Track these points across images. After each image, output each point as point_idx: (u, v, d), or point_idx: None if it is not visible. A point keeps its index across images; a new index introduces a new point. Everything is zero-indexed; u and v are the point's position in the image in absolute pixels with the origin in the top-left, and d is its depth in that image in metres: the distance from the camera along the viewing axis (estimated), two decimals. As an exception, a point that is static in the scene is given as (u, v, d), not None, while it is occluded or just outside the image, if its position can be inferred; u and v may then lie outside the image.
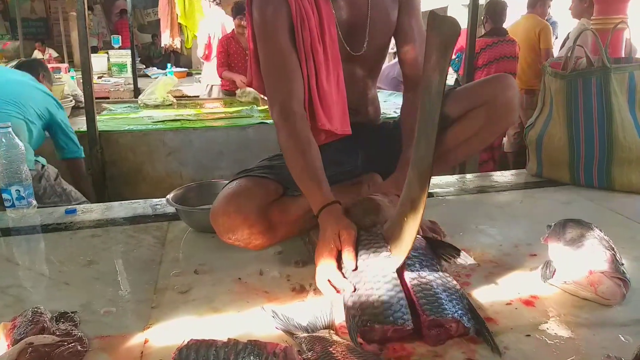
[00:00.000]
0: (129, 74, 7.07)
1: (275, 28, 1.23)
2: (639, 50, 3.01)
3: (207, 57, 4.85)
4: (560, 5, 5.48)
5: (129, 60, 7.42)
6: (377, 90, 1.55)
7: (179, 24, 6.28)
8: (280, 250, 1.30)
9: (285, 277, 1.18)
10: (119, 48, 7.39)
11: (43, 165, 2.18)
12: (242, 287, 1.15)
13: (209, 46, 4.80)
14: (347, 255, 0.99)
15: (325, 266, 1.00)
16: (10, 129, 1.52)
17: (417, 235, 0.95)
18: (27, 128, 2.15)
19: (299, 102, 1.23)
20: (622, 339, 0.93)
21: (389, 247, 0.99)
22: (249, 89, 4.02)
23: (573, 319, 1.00)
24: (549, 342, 0.93)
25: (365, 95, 1.46)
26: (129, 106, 4.08)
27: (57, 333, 0.95)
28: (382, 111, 1.58)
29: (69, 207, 1.65)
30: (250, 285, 1.16)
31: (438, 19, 0.80)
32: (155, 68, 8.40)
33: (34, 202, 1.57)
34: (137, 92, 5.50)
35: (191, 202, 1.52)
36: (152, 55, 11.24)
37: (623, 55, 2.09)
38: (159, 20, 10.21)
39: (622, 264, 1.08)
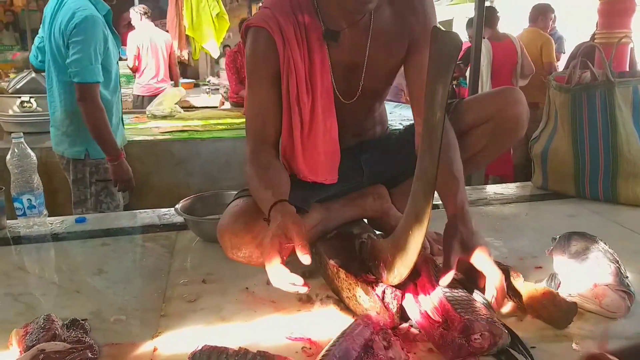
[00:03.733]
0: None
1: (261, 73, 1.21)
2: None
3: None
4: (568, 20, 5.53)
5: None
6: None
7: (187, 35, 6.36)
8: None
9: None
10: (126, 59, 7.48)
11: None
12: (249, 297, 1.16)
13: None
14: (300, 251, 0.97)
15: (272, 265, 0.97)
16: (22, 139, 1.55)
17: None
18: None
19: (273, 145, 1.25)
20: (627, 351, 0.94)
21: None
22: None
23: (578, 331, 1.01)
24: (556, 353, 0.94)
25: (368, 121, 1.43)
26: (134, 116, 4.13)
27: (68, 340, 0.96)
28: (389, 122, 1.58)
29: (79, 216, 1.67)
30: (258, 295, 1.17)
31: (440, 33, 0.82)
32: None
33: (45, 211, 1.60)
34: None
35: (199, 212, 1.54)
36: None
37: (627, 69, 2.10)
38: (166, 31, 10.38)
39: (627, 277, 1.09)
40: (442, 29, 0.81)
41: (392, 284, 1.01)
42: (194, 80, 8.14)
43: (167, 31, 6.78)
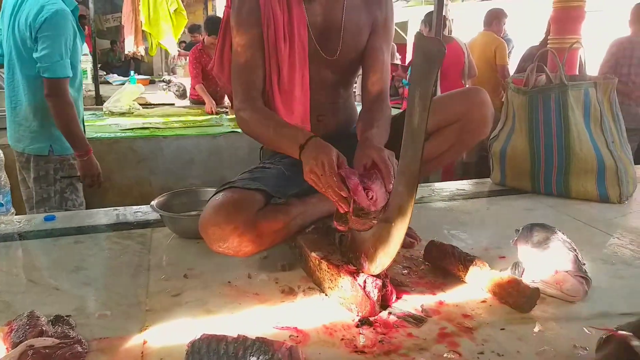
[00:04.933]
0: (89, 80, 6.92)
1: (246, 26, 1.37)
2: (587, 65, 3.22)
3: None
4: (516, 23, 5.78)
5: (88, 67, 7.27)
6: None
7: (143, 31, 6.22)
8: (265, 255, 1.35)
9: (274, 279, 1.23)
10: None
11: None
12: (232, 290, 1.19)
13: None
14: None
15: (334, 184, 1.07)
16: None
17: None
18: None
19: (258, 92, 1.39)
20: (586, 331, 1.03)
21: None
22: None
23: (541, 314, 1.09)
24: (521, 334, 1.02)
25: (337, 102, 1.53)
26: (93, 114, 4.02)
27: (55, 336, 0.96)
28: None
29: (48, 214, 1.64)
30: (240, 288, 1.20)
31: (424, 39, 0.88)
32: (115, 75, 8.25)
33: (12, 209, 1.56)
34: (98, 99, 5.41)
35: (175, 209, 1.54)
36: (111, 62, 11.03)
37: (577, 73, 2.25)
38: (117, 26, 10.09)
39: (584, 264, 1.19)
40: (424, 35, 0.87)
41: (374, 274, 1.07)
42: (149, 77, 7.96)
43: (122, 26, 6.62)
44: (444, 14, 4.30)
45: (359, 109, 1.51)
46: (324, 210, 1.30)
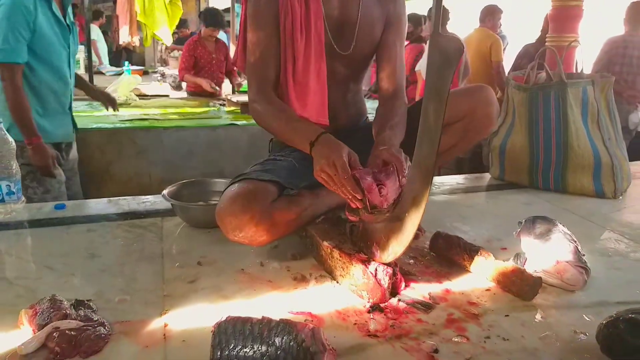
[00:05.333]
0: (82, 70, 6.88)
1: (263, 18, 1.39)
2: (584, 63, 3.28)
3: None
4: (510, 20, 5.84)
5: (81, 57, 7.22)
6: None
7: (138, 21, 6.20)
8: (276, 244, 1.38)
9: (285, 267, 1.27)
10: (72, 43, 7.18)
11: None
12: (246, 277, 1.23)
13: None
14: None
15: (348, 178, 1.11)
16: (1, 125, 1.53)
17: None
18: None
19: (274, 86, 1.42)
20: (586, 318, 1.08)
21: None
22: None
23: (543, 302, 1.15)
24: (525, 320, 1.07)
25: (346, 97, 1.56)
26: (89, 104, 4.01)
27: (79, 319, 1.00)
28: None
29: (58, 202, 1.66)
30: (254, 275, 1.24)
31: (441, 37, 0.92)
32: (107, 65, 8.18)
33: (23, 197, 1.58)
34: (93, 89, 5.38)
35: (185, 198, 1.57)
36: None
37: (574, 70, 2.30)
38: (109, 16, 10.00)
39: (584, 255, 1.24)
40: (444, 34, 0.91)
41: (386, 262, 1.11)
42: (142, 67, 7.92)
43: (117, 16, 6.59)
44: (449, 11, 4.36)
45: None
46: (334, 202, 1.34)
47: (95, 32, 7.66)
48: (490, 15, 4.49)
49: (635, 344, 0.89)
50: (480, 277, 1.24)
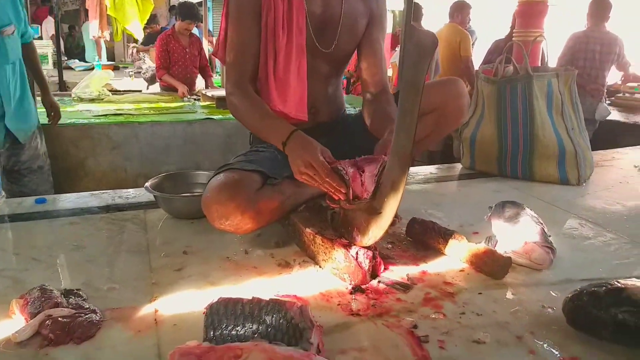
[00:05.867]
0: (50, 65, 6.75)
1: (245, 12, 1.39)
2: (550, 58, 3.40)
3: None
4: (479, 15, 5.99)
5: (49, 51, 7.08)
6: None
7: (108, 15, 6.11)
8: (259, 233, 1.43)
9: (269, 254, 1.32)
10: (39, 38, 7.03)
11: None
12: (231, 264, 1.27)
13: None
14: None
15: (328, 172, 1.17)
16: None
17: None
18: None
19: (251, 80, 1.43)
20: (553, 294, 1.16)
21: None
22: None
23: (513, 280, 1.22)
24: (497, 297, 1.14)
25: (327, 92, 1.58)
26: (60, 100, 3.95)
27: (70, 307, 1.02)
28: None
29: (39, 197, 1.66)
30: (239, 262, 1.28)
31: (417, 31, 0.97)
32: (77, 60, 8.04)
33: (3, 193, 1.58)
34: (62, 85, 5.29)
35: (167, 190, 1.60)
36: (69, 47, 10.71)
37: (539, 64, 2.41)
38: (77, 10, 9.79)
39: (550, 236, 1.33)
40: (419, 29, 0.97)
41: (366, 246, 1.17)
42: (113, 62, 7.80)
43: (87, 9, 6.47)
44: (422, 7, 4.44)
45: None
46: (316, 191, 1.38)
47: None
48: (459, 11, 4.59)
49: (598, 314, 0.96)
50: (454, 259, 1.31)
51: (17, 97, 2.08)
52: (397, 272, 1.24)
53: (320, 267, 1.25)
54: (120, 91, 4.71)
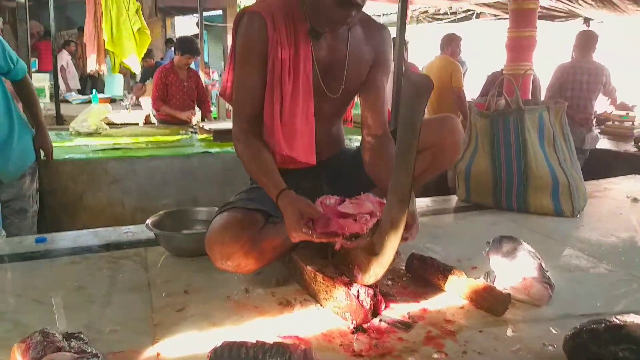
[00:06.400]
0: (47, 99, 6.78)
1: (252, 56, 1.39)
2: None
3: None
4: (470, 48, 6.13)
5: (47, 85, 7.13)
6: None
7: (106, 49, 6.18)
8: (259, 271, 1.43)
9: (270, 293, 1.33)
10: (36, 71, 7.08)
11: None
12: (232, 304, 1.27)
13: None
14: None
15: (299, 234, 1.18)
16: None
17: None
18: None
19: (257, 125, 1.43)
20: (553, 330, 1.17)
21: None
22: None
23: (513, 317, 1.23)
24: (497, 335, 1.15)
25: (330, 132, 1.59)
26: (58, 134, 3.98)
27: (73, 351, 1.02)
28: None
29: (39, 235, 1.67)
30: (240, 302, 1.28)
31: (413, 75, 1.01)
32: (74, 93, 8.09)
33: (4, 232, 1.59)
34: (59, 119, 5.31)
35: (167, 228, 1.61)
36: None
37: (530, 96, 2.47)
38: (65, 42, 9.92)
39: (547, 271, 1.34)
40: (415, 72, 1.00)
41: (367, 284, 1.18)
42: (109, 95, 7.86)
43: (85, 44, 6.55)
44: (407, 42, 4.54)
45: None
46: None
47: (65, 60, 7.60)
48: (450, 43, 4.69)
49: (598, 352, 0.98)
50: (454, 295, 1.32)
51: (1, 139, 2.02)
52: (398, 310, 1.25)
53: (321, 305, 1.26)
54: (117, 124, 4.75)
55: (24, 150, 2.15)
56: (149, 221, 1.57)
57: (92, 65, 6.24)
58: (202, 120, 4.53)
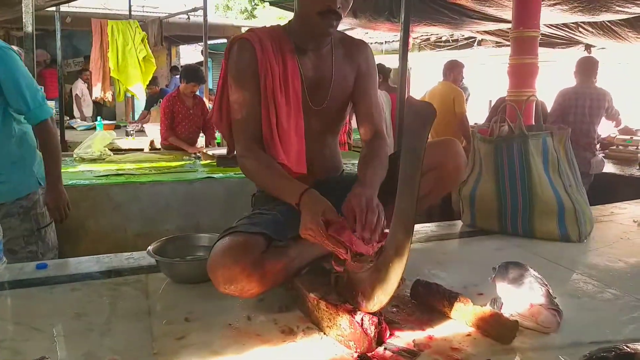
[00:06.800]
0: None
1: (245, 78, 1.49)
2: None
3: None
4: (472, 74, 6.19)
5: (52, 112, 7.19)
6: None
7: (111, 77, 6.29)
8: (261, 297, 1.41)
9: (272, 320, 1.30)
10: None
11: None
12: (234, 332, 1.25)
13: None
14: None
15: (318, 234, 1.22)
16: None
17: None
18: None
19: (259, 141, 1.52)
20: (562, 359, 1.14)
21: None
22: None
23: (521, 345, 1.20)
24: (506, 364, 1.12)
25: (323, 150, 1.65)
26: (62, 160, 4.00)
27: (71, 381, 1.00)
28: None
29: (40, 262, 1.65)
30: (242, 329, 1.26)
31: (416, 102, 1.01)
32: (79, 120, 8.17)
33: (4, 259, 1.58)
34: (64, 145, 5.36)
35: (170, 254, 1.59)
36: (71, 107, 10.91)
37: (534, 122, 2.47)
38: (80, 70, 10.09)
39: (555, 297, 1.32)
40: (418, 100, 1.01)
41: (371, 312, 1.16)
42: (114, 122, 7.93)
43: (90, 71, 6.65)
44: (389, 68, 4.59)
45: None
46: (320, 252, 1.38)
47: (79, 88, 7.72)
48: (452, 70, 4.74)
49: (608, 381, 0.95)
50: (460, 322, 1.29)
51: None
52: (403, 338, 1.22)
53: (324, 334, 1.23)
54: (122, 150, 4.79)
55: (8, 179, 2.01)
56: (150, 248, 1.55)
57: (97, 93, 6.31)
58: (206, 146, 4.56)
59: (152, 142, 5.05)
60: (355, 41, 1.65)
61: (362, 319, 1.15)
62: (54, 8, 5.27)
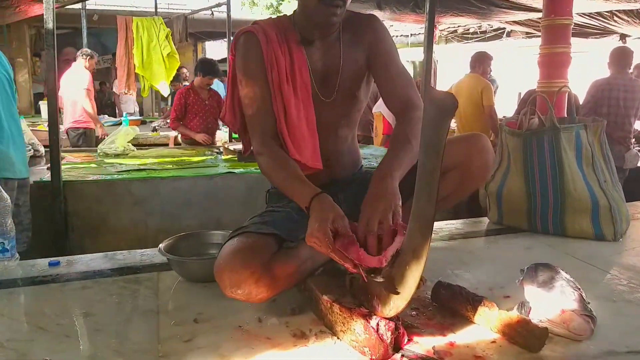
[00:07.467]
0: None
1: (253, 72, 1.44)
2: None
3: None
4: (501, 66, 6.01)
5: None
6: None
7: (136, 73, 6.33)
8: (274, 298, 1.36)
9: (284, 323, 1.24)
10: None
11: None
12: (243, 335, 1.19)
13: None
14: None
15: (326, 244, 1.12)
16: (-3, 182, 1.51)
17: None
18: None
19: (274, 135, 1.44)
20: (596, 369, 1.05)
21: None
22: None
23: (551, 353, 1.11)
24: (534, 375, 1.04)
25: (338, 144, 1.55)
26: (87, 155, 4.03)
27: (72, 385, 0.96)
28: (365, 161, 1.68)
29: (52, 259, 1.63)
30: (252, 332, 1.20)
31: (437, 93, 0.93)
32: (106, 116, 8.29)
33: (17, 255, 1.56)
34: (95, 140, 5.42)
35: (182, 252, 1.55)
36: (101, 102, 11.11)
37: (566, 114, 2.34)
38: (107, 68, 10.23)
39: (589, 303, 1.22)
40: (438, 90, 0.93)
41: (388, 316, 1.09)
42: (140, 117, 8.02)
43: (116, 68, 6.72)
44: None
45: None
46: None
47: (117, 86, 7.90)
48: (480, 62, 4.59)
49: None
50: (485, 328, 1.21)
51: None
52: (422, 344, 1.14)
53: (338, 338, 1.16)
54: (145, 146, 4.81)
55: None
56: (161, 245, 1.51)
57: (122, 89, 6.38)
58: (229, 140, 4.54)
59: (175, 138, 5.06)
60: (361, 18, 1.53)
61: (377, 324, 1.08)
62: (79, 5, 5.32)
